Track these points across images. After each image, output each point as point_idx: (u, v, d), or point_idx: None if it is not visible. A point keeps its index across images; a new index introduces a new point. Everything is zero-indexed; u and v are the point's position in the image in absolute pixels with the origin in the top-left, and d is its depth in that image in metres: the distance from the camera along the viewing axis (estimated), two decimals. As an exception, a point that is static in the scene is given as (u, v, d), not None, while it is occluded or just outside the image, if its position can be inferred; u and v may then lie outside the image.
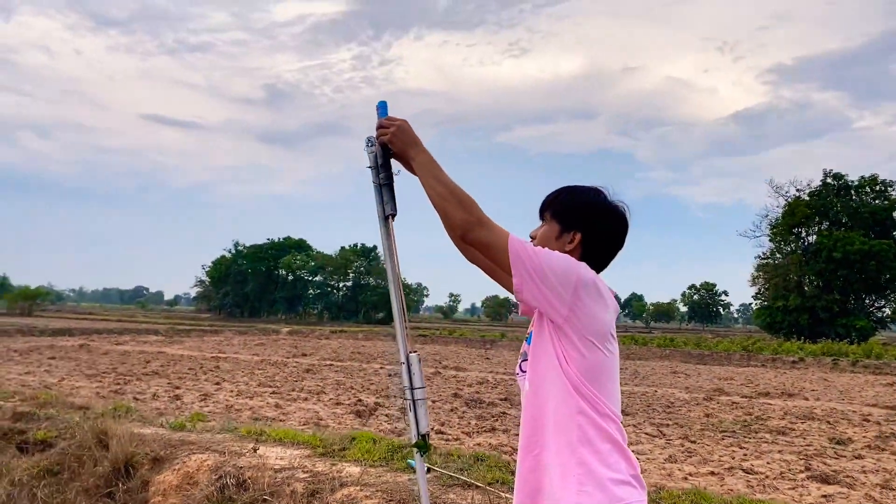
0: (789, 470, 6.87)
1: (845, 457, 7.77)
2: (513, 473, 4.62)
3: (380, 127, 2.22)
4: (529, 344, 2.13)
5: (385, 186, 2.29)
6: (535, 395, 2.04)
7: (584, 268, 2.01)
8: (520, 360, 2.17)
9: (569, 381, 1.97)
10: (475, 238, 2.03)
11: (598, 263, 2.14)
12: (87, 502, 5.10)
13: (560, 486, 1.92)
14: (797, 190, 52.60)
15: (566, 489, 1.91)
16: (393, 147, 2.20)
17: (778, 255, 53.69)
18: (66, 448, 5.64)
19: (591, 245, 2.14)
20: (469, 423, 9.12)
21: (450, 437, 7.95)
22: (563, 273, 1.95)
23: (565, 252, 2.08)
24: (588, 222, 2.14)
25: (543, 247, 2.09)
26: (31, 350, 19.23)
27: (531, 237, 2.23)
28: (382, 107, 2.33)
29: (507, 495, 4.10)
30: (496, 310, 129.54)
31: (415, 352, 2.23)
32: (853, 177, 51.22)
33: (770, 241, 53.63)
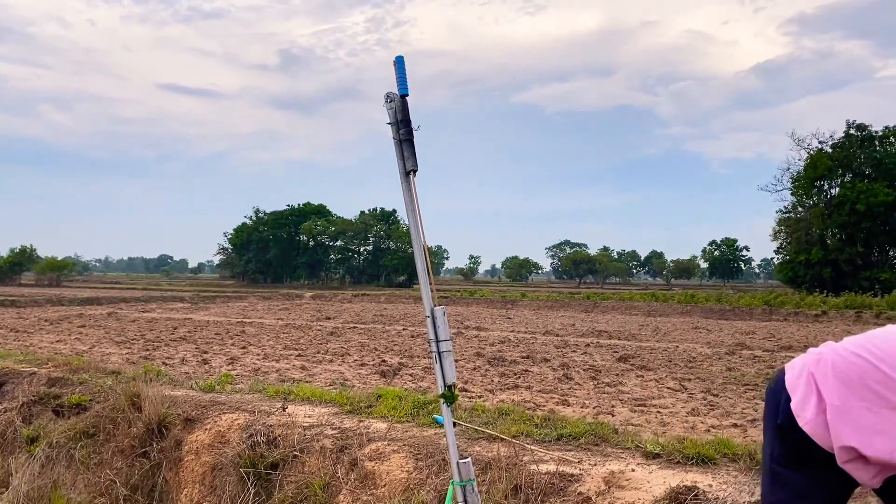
0: (812, 420, 6.90)
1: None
2: (537, 426, 4.69)
3: None
4: None
5: (405, 142, 2.30)
6: None
7: None
8: None
9: None
10: None
11: None
12: (122, 461, 5.26)
13: None
14: (819, 142, 51.67)
15: None
16: None
17: (800, 209, 52.99)
18: (101, 411, 5.79)
19: None
20: (492, 381, 9.21)
21: (473, 394, 8.05)
22: None
23: None
24: None
25: None
26: (61, 319, 19.61)
27: None
28: (400, 62, 2.34)
29: (532, 447, 4.17)
30: (516, 270, 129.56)
31: (440, 305, 2.26)
32: (877, 127, 50.19)
33: (792, 194, 52.92)
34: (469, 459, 2.24)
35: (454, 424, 2.33)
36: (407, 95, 2.32)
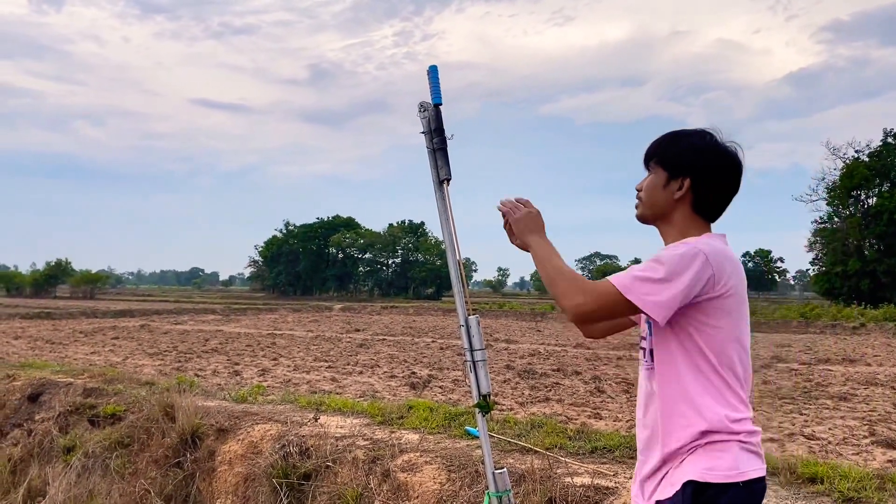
0: (853, 435, 6.73)
1: (912, 421, 7.57)
2: (570, 438, 4.63)
3: (511, 205, 2.17)
4: (648, 334, 2.06)
5: (439, 151, 2.29)
6: (666, 376, 1.97)
7: (703, 260, 1.88)
8: (643, 350, 2.09)
9: (702, 358, 1.93)
10: (594, 313, 1.96)
11: (712, 211, 2.04)
12: (157, 471, 5.30)
13: (687, 460, 1.91)
14: (856, 151, 50.73)
15: (693, 461, 1.89)
16: (514, 225, 2.14)
17: (836, 219, 52.00)
18: (135, 421, 5.85)
19: (702, 191, 2.02)
20: (523, 394, 9.15)
21: (504, 407, 8.00)
22: (691, 282, 1.85)
23: (674, 201, 2.02)
24: (697, 166, 2.01)
25: (650, 198, 2.04)
26: (95, 331, 19.93)
27: (637, 190, 2.13)
28: (433, 72, 2.33)
29: (566, 459, 4.12)
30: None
31: (474, 314, 2.24)
32: (916, 135, 49.18)
33: (827, 204, 51.96)
34: (505, 470, 2.21)
35: (488, 436, 2.30)
36: (440, 104, 2.32)
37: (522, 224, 2.12)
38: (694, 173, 2.00)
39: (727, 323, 1.95)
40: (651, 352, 2.02)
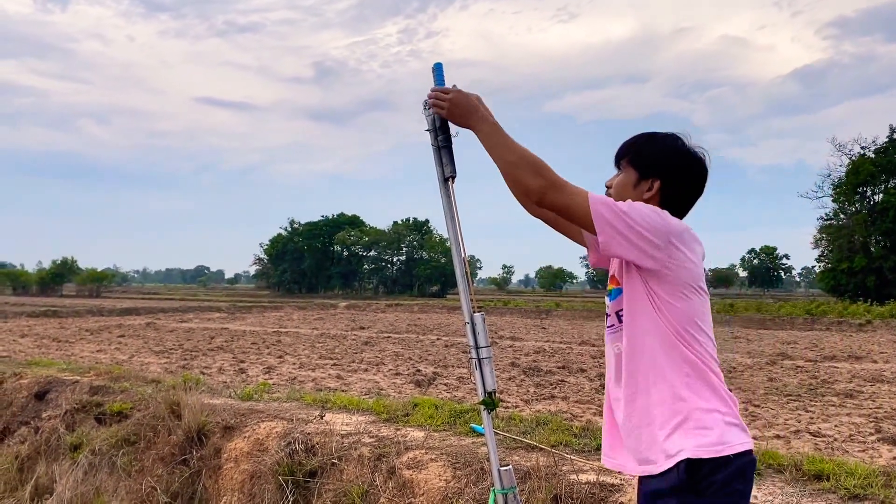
0: (858, 432, 6.72)
1: (918, 418, 7.55)
2: (576, 436, 4.63)
3: (435, 99, 2.19)
4: (613, 300, 2.10)
5: (444, 148, 2.29)
6: (634, 347, 2.02)
7: (672, 217, 1.98)
8: (610, 316, 2.13)
9: (670, 330, 1.96)
10: (552, 203, 1.99)
11: (678, 211, 2.09)
12: (163, 469, 5.32)
13: (675, 434, 1.92)
14: (861, 147, 50.50)
15: (682, 435, 1.91)
16: (452, 121, 2.17)
17: (842, 216, 51.81)
18: (142, 418, 5.87)
19: (671, 192, 2.08)
20: (528, 391, 9.15)
21: (509, 404, 8.00)
22: (654, 227, 1.91)
23: (643, 200, 2.05)
24: (667, 169, 2.08)
25: (620, 196, 2.07)
26: (101, 329, 19.99)
27: (606, 186, 2.18)
28: (438, 69, 2.32)
29: (571, 457, 4.12)
30: (550, 280, 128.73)
31: (479, 311, 2.24)
32: (922, 131, 48.93)
33: (833, 201, 51.76)
34: (510, 466, 2.21)
35: (493, 434, 2.30)
36: (446, 101, 2.31)
37: (457, 112, 2.13)
38: (664, 176, 2.07)
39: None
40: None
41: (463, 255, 2.30)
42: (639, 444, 2.01)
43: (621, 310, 2.07)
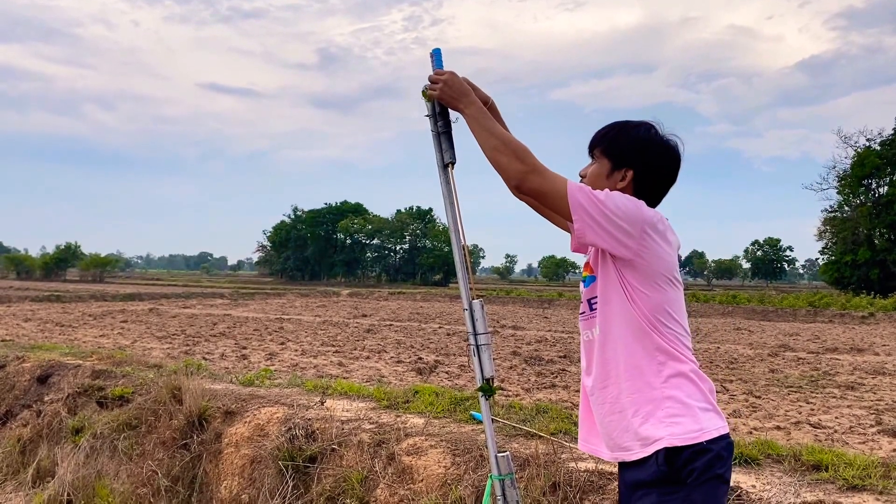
0: (859, 424, 6.72)
1: (919, 411, 7.54)
2: (575, 424, 4.63)
3: (431, 81, 2.20)
4: (587, 287, 2.13)
5: (443, 134, 2.28)
6: (606, 335, 2.04)
7: (646, 207, 2.00)
8: (583, 303, 2.16)
9: (642, 319, 1.97)
10: (531, 188, 2.01)
11: (651, 200, 2.10)
12: (164, 453, 5.34)
13: (648, 422, 1.93)
14: (867, 139, 50.35)
15: (656, 423, 1.92)
16: (443, 102, 2.19)
17: (846, 208, 51.73)
18: (143, 403, 5.89)
19: (644, 182, 2.10)
20: (529, 380, 9.17)
21: (510, 393, 8.02)
22: (629, 215, 1.93)
23: (617, 190, 2.06)
24: (640, 159, 2.09)
25: (594, 185, 2.07)
26: (104, 314, 20.04)
27: (580, 176, 2.20)
28: (437, 54, 2.31)
29: (570, 444, 4.13)
30: (553, 270, 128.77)
31: (478, 298, 2.24)
32: (929, 124, 48.75)
33: (838, 193, 51.69)
34: (508, 453, 2.22)
35: (492, 420, 2.30)
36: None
37: (449, 92, 2.16)
38: (637, 165, 2.08)
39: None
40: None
41: (462, 242, 2.30)
42: (611, 431, 2.03)
43: (594, 297, 2.09)
